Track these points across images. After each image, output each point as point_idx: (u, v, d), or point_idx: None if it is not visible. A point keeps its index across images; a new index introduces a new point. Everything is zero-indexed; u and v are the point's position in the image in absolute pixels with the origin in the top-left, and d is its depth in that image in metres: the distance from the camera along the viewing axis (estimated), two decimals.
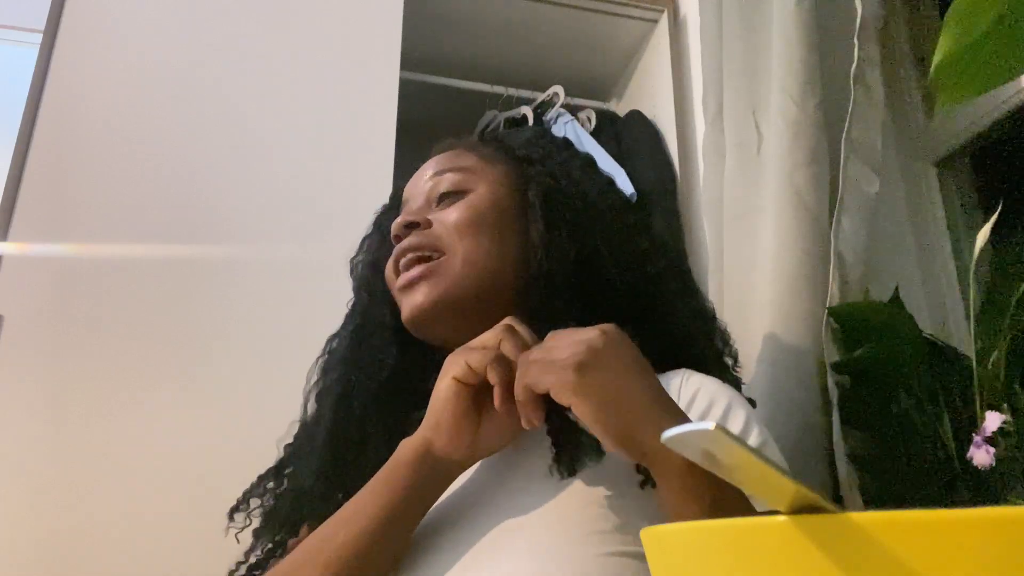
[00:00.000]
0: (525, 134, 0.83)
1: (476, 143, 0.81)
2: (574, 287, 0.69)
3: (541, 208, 0.73)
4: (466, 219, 0.71)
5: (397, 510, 0.60)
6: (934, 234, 1.17)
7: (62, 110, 1.21)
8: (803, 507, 0.24)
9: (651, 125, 1.63)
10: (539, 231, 0.71)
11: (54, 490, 1.03)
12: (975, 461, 0.72)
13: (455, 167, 0.76)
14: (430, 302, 0.69)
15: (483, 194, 0.74)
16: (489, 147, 0.80)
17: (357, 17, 1.41)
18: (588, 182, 0.79)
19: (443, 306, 0.69)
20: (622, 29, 1.71)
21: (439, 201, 0.75)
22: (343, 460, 0.68)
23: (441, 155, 0.80)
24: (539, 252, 0.69)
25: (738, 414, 0.66)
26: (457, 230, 0.71)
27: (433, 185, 0.76)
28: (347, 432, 0.70)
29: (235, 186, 1.25)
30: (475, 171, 0.76)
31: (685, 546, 0.29)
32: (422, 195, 0.76)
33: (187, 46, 1.32)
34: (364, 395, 0.72)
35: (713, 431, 0.23)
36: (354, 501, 0.61)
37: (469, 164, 0.76)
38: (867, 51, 1.00)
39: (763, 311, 1.03)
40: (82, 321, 1.11)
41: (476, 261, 0.70)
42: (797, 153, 1.03)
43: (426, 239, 0.72)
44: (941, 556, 0.21)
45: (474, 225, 0.71)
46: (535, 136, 0.82)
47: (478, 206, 0.73)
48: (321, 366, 0.79)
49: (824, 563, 0.23)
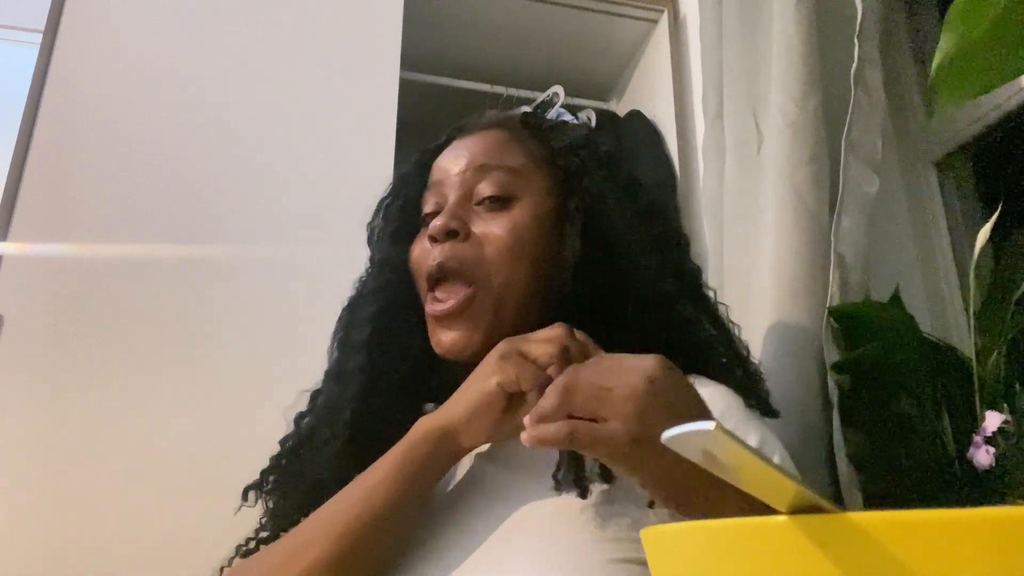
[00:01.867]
0: (573, 134, 0.78)
1: (523, 132, 0.77)
2: (599, 305, 0.68)
3: (579, 227, 0.70)
4: (511, 243, 0.69)
5: (412, 490, 0.60)
6: (934, 234, 1.17)
7: (62, 110, 1.21)
8: (803, 507, 0.24)
9: (651, 125, 1.63)
10: (574, 250, 0.69)
11: (54, 490, 1.03)
12: (975, 461, 0.72)
13: (503, 166, 0.72)
14: (466, 344, 0.68)
15: (527, 209, 0.71)
16: (535, 142, 0.76)
17: (357, 17, 1.41)
18: (628, 203, 0.75)
19: (478, 345, 0.67)
20: (622, 29, 1.71)
21: (481, 202, 0.71)
22: (362, 455, 0.66)
23: (484, 138, 0.75)
24: (570, 272, 0.68)
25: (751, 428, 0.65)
26: (500, 254, 0.68)
27: (475, 179, 0.72)
28: (368, 426, 0.69)
29: (235, 186, 1.25)
30: (522, 174, 0.72)
31: (685, 546, 0.29)
32: (460, 185, 0.72)
33: (187, 46, 1.32)
34: (387, 387, 0.71)
35: (713, 431, 0.23)
36: (368, 477, 0.61)
37: (517, 164, 0.73)
38: (867, 51, 1.00)
39: (763, 311, 1.03)
40: (82, 321, 1.11)
41: (513, 290, 0.68)
42: (797, 153, 1.03)
43: (465, 262, 0.68)
44: (941, 556, 0.21)
45: (516, 248, 0.69)
46: (582, 140, 0.77)
47: (522, 227, 0.69)
48: (340, 342, 0.76)
49: (824, 563, 0.23)
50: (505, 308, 0.68)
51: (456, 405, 0.61)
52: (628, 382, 0.48)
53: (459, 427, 0.61)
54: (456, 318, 0.68)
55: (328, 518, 0.60)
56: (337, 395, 0.72)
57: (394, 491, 0.60)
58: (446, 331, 0.69)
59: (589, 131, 0.80)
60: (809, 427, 0.93)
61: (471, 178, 0.72)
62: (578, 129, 0.79)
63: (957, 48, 0.44)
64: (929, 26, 1.26)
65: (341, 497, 0.62)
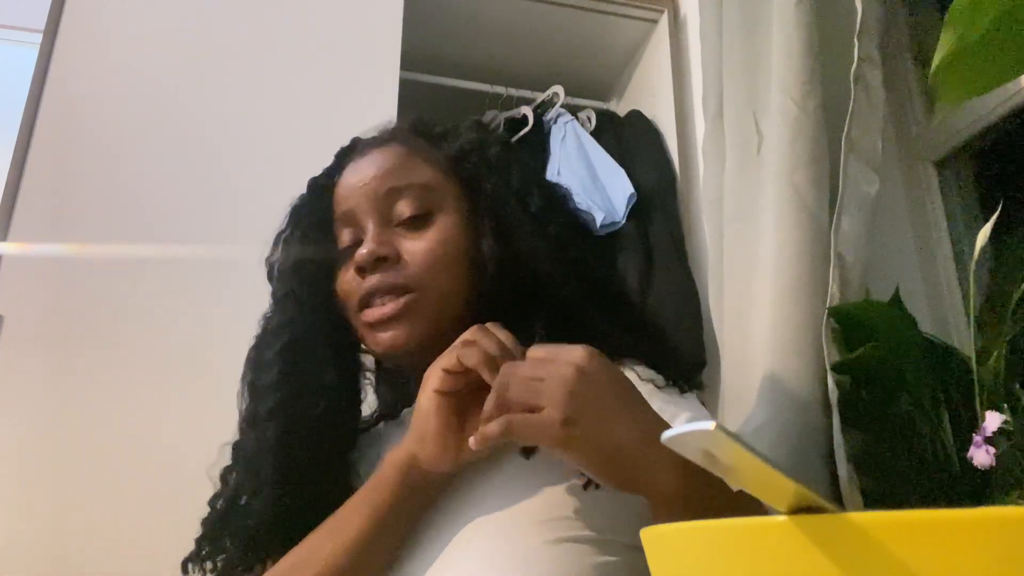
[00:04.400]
0: (464, 138, 0.78)
1: (418, 142, 0.76)
2: (520, 293, 0.69)
3: (491, 222, 0.72)
4: (439, 254, 0.69)
5: (382, 527, 0.60)
6: (934, 234, 1.17)
7: (62, 110, 1.21)
8: (803, 507, 0.24)
9: (651, 125, 1.63)
10: (491, 246, 0.70)
11: (54, 489, 1.03)
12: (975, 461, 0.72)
13: (413, 184, 0.72)
14: (411, 341, 0.68)
15: (447, 219, 0.71)
16: (434, 150, 0.76)
17: (357, 17, 1.41)
18: (528, 185, 0.76)
19: (423, 341, 0.68)
20: (622, 29, 1.71)
21: (401, 223, 0.71)
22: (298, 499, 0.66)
23: (383, 156, 0.74)
24: (491, 266, 0.69)
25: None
26: (430, 267, 0.69)
27: (389, 201, 0.72)
28: (294, 470, 0.67)
29: (235, 186, 1.25)
30: (434, 188, 0.72)
31: (685, 546, 0.29)
32: (374, 210, 0.71)
33: (187, 46, 1.32)
34: (306, 429, 0.69)
35: (713, 431, 0.23)
36: (337, 517, 0.61)
37: (426, 179, 0.73)
38: (867, 51, 1.00)
39: (763, 311, 1.03)
40: (82, 321, 1.12)
41: (449, 294, 0.69)
42: (797, 153, 1.03)
43: (399, 278, 0.68)
44: (941, 556, 0.21)
45: (446, 258, 0.70)
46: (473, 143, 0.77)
47: (447, 238, 0.70)
48: (249, 386, 0.74)
49: (824, 563, 0.23)
50: (442, 309, 0.69)
51: (412, 431, 0.61)
52: (558, 372, 0.52)
53: (417, 449, 0.60)
54: (397, 320, 0.68)
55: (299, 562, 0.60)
56: (255, 443, 0.70)
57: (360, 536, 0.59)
58: (387, 333, 0.69)
59: (478, 130, 0.80)
60: (809, 427, 0.93)
61: (384, 201, 0.72)
62: (469, 131, 0.79)
63: (957, 48, 0.44)
64: (929, 26, 1.26)
65: (311, 540, 0.61)
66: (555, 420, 0.50)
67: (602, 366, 0.53)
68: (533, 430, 0.51)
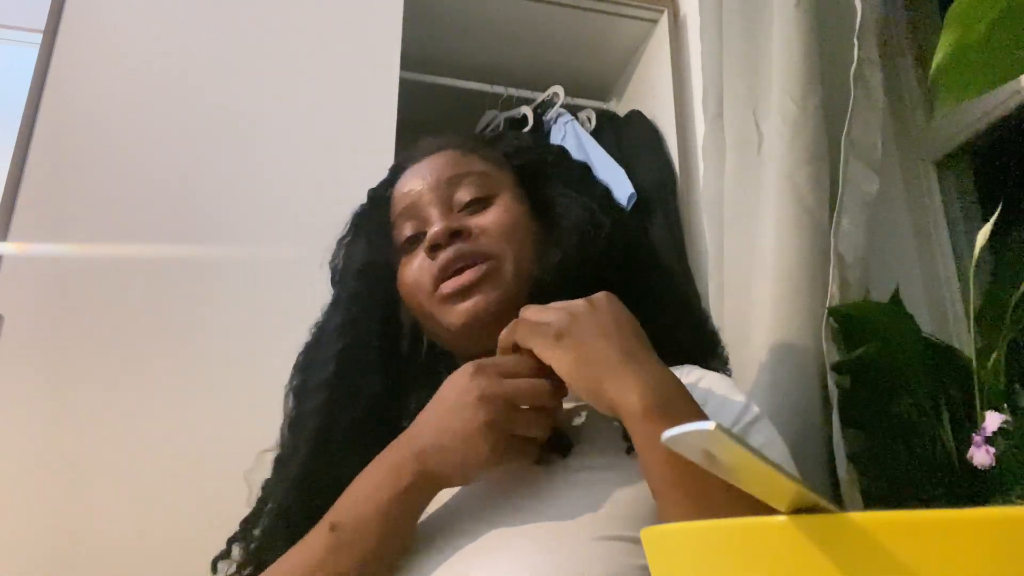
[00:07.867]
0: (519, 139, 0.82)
1: (472, 145, 0.78)
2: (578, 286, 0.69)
3: (549, 209, 0.73)
4: (509, 224, 0.71)
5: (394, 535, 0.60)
6: (934, 234, 1.17)
7: (62, 110, 1.21)
8: (803, 507, 0.24)
9: (651, 125, 1.63)
10: (550, 232, 0.72)
11: (54, 490, 1.03)
12: (975, 461, 0.72)
13: (471, 172, 0.74)
14: (492, 307, 0.67)
15: (509, 200, 0.73)
16: (487, 150, 0.78)
17: (357, 17, 1.41)
18: (585, 182, 0.79)
19: (502, 311, 0.67)
20: (622, 29, 1.71)
21: (465, 207, 0.72)
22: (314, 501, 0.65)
23: (439, 158, 0.76)
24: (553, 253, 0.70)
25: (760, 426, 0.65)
26: (504, 235, 0.70)
27: (450, 190, 0.73)
28: (321, 471, 0.67)
29: (235, 186, 1.25)
30: (490, 175, 0.74)
31: (685, 546, 0.29)
32: (438, 202, 0.73)
33: (187, 46, 1.32)
34: (343, 430, 0.69)
35: (713, 431, 0.23)
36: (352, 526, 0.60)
37: (482, 168, 0.75)
38: (867, 51, 1.00)
39: (763, 311, 1.03)
40: (82, 321, 1.11)
41: (524, 265, 0.70)
42: (797, 153, 1.03)
43: (476, 246, 0.69)
44: (941, 556, 0.21)
45: (516, 229, 0.71)
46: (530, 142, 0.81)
47: (513, 211, 0.72)
48: (295, 389, 0.74)
49: (824, 563, 0.23)
50: (518, 277, 0.70)
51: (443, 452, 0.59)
52: (572, 302, 0.59)
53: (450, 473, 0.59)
54: (478, 286, 0.68)
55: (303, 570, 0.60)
56: (290, 445, 0.71)
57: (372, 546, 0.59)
58: (467, 301, 0.68)
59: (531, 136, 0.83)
60: (809, 427, 0.93)
61: (446, 190, 0.73)
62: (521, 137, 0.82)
63: (957, 48, 0.44)
64: (929, 26, 1.26)
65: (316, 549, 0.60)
66: (550, 330, 0.57)
67: (611, 302, 0.59)
68: (531, 334, 0.58)
